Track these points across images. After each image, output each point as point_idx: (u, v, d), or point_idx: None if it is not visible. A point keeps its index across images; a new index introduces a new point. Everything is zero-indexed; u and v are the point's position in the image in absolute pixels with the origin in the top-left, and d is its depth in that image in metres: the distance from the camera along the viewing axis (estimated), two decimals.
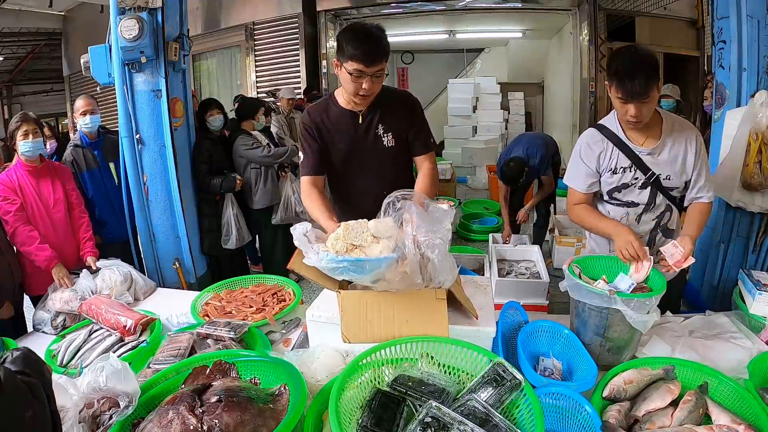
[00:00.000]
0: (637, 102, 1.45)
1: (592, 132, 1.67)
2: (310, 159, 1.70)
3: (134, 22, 2.46)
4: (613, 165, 1.62)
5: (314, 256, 1.16)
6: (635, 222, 1.67)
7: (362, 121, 1.68)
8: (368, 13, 6.34)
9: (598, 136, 1.64)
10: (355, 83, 1.53)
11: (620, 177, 1.62)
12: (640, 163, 1.59)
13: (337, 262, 1.13)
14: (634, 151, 1.59)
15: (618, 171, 1.62)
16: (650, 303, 1.30)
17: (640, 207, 1.65)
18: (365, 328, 1.24)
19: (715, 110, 2.52)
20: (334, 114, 1.70)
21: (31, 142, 2.15)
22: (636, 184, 1.62)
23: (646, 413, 1.15)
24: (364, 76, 1.51)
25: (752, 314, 1.55)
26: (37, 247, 2.13)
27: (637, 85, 1.41)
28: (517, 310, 1.57)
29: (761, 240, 2.31)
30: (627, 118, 1.51)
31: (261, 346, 1.52)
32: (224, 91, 6.61)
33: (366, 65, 1.49)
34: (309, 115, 1.72)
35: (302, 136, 1.74)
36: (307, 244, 1.23)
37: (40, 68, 10.02)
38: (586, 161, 1.65)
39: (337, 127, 1.69)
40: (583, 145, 1.67)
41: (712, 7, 2.54)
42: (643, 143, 1.59)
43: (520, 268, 3.16)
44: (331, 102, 1.72)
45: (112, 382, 1.07)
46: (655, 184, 1.61)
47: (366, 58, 1.48)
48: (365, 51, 1.48)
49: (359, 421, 0.97)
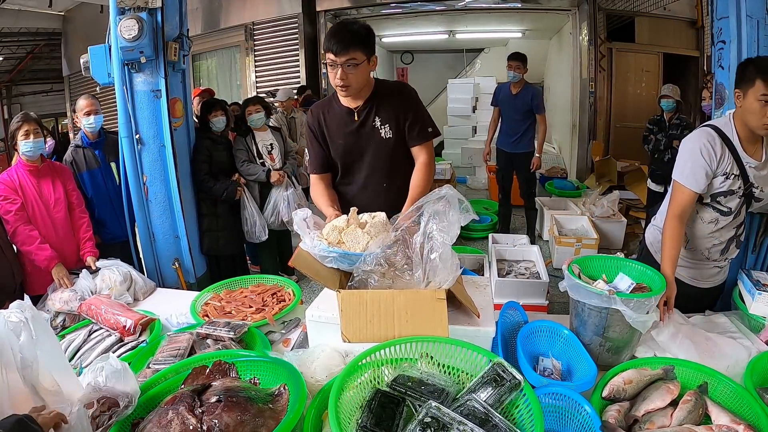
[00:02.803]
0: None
1: (711, 133, 1.58)
2: (315, 158, 1.81)
3: (134, 22, 2.46)
4: (728, 170, 1.57)
5: (309, 243, 1.30)
6: (721, 229, 1.65)
7: (358, 117, 1.73)
8: (368, 13, 6.35)
9: (718, 139, 1.57)
10: (332, 74, 1.59)
11: (730, 183, 1.58)
12: (745, 173, 1.57)
13: (328, 252, 1.29)
14: (743, 160, 1.56)
15: (730, 177, 1.57)
16: (649, 303, 1.30)
17: (730, 216, 1.63)
18: (365, 328, 1.24)
19: (715, 110, 2.51)
20: (334, 112, 1.77)
21: (32, 142, 2.15)
22: (738, 192, 1.59)
23: (646, 413, 1.15)
24: (336, 66, 1.56)
25: (752, 314, 1.55)
26: (37, 246, 2.14)
27: None
28: (517, 310, 1.57)
29: (761, 240, 2.31)
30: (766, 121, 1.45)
31: (261, 346, 1.52)
32: (224, 91, 6.61)
33: (335, 54, 1.55)
34: (311, 113, 1.81)
35: (307, 136, 1.84)
36: (305, 229, 1.35)
37: (39, 68, 10.01)
38: (708, 160, 1.55)
39: (335, 124, 1.76)
40: (705, 144, 1.56)
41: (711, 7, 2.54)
42: (753, 154, 1.57)
43: (519, 268, 3.16)
44: (333, 100, 1.78)
45: (112, 382, 1.07)
46: (748, 196, 1.59)
47: (334, 48, 1.54)
48: (333, 41, 1.54)
49: (359, 421, 0.97)
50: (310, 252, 1.31)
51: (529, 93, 4.18)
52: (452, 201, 1.28)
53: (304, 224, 1.35)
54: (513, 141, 4.24)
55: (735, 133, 1.56)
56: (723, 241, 1.67)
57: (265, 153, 3.37)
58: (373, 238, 1.33)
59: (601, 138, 5.98)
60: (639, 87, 6.18)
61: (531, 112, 4.15)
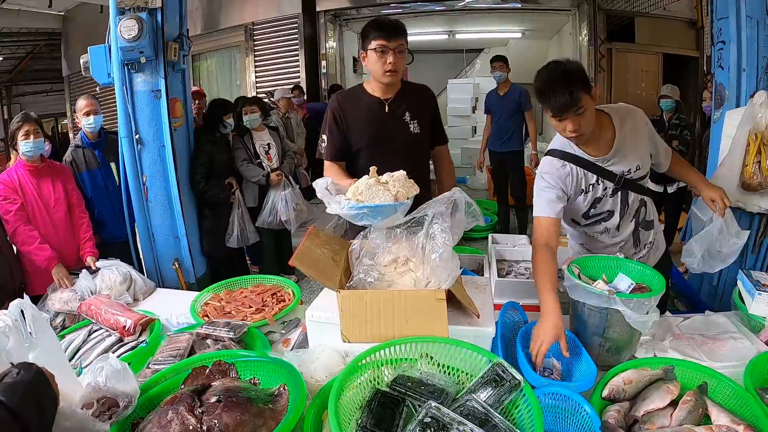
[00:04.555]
0: (571, 117, 1.38)
1: (550, 159, 1.58)
2: (332, 145, 1.81)
3: (134, 23, 2.46)
4: (582, 185, 1.56)
5: (336, 206, 1.31)
6: (616, 231, 1.65)
7: (389, 109, 1.79)
8: (368, 14, 6.34)
9: (557, 162, 1.56)
10: (381, 60, 1.67)
11: (592, 194, 1.58)
12: (604, 172, 1.54)
13: (358, 209, 1.28)
14: (596, 163, 1.54)
15: (589, 189, 1.57)
16: (649, 303, 1.30)
17: (616, 216, 1.62)
18: (365, 328, 1.24)
19: (715, 111, 2.51)
20: (363, 102, 1.81)
21: (32, 142, 2.16)
22: (607, 194, 1.58)
23: (646, 413, 1.15)
24: (388, 51, 1.66)
25: (752, 314, 1.55)
26: (37, 246, 2.14)
27: (561, 99, 1.35)
28: (517, 310, 1.57)
29: (761, 240, 2.31)
30: (567, 134, 1.44)
31: (260, 346, 1.52)
32: (224, 91, 6.61)
33: (387, 39, 1.65)
34: (338, 102, 1.82)
35: (328, 122, 1.82)
36: (329, 195, 1.35)
37: (39, 68, 10.01)
38: (553, 184, 1.54)
39: (365, 114, 1.80)
40: (545, 174, 1.57)
41: (711, 8, 2.54)
42: (598, 153, 1.54)
43: (519, 268, 3.16)
44: (360, 91, 1.84)
45: (112, 382, 1.07)
46: (624, 186, 1.56)
47: (387, 33, 1.66)
48: (386, 27, 1.67)
49: (359, 421, 0.97)
50: (340, 213, 1.31)
51: (516, 92, 4.33)
52: (460, 203, 1.29)
53: (327, 191, 1.36)
54: (502, 141, 4.41)
55: (572, 145, 1.54)
56: (626, 238, 1.66)
57: (263, 153, 3.38)
58: (399, 190, 1.35)
59: None
60: (639, 87, 6.19)
61: (519, 111, 4.31)
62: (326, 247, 1.42)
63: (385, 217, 1.31)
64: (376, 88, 1.80)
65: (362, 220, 1.32)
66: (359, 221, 1.32)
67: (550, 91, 1.37)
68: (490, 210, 5.15)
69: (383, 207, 1.30)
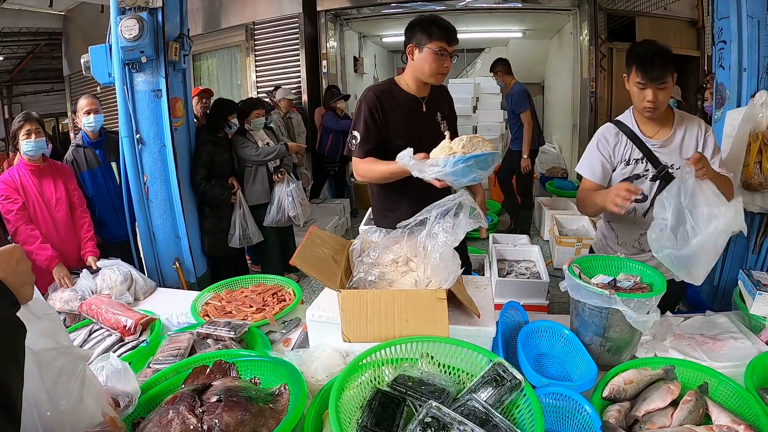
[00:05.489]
0: (654, 87, 1.54)
1: (609, 126, 1.75)
2: (367, 140, 1.73)
3: (134, 22, 2.46)
4: (627, 156, 1.69)
5: (434, 168, 1.36)
6: (642, 217, 1.72)
7: (425, 108, 1.81)
8: (368, 13, 6.34)
9: (613, 130, 1.72)
10: (438, 62, 1.69)
11: (633, 168, 1.69)
12: (651, 155, 1.66)
13: (465, 161, 1.33)
14: (646, 144, 1.67)
15: (631, 162, 1.69)
16: (650, 303, 1.30)
17: (647, 202, 1.69)
18: (365, 328, 1.24)
19: (716, 110, 2.51)
20: (401, 98, 1.78)
21: (33, 141, 2.16)
22: (647, 175, 1.68)
23: (646, 413, 1.15)
24: (446, 55, 1.70)
25: (752, 314, 1.55)
26: (38, 246, 2.14)
27: (656, 69, 1.51)
28: (517, 310, 1.57)
29: (761, 240, 2.31)
30: (644, 104, 1.57)
31: (261, 346, 1.52)
32: (225, 91, 6.61)
33: (449, 43, 1.69)
34: (376, 96, 1.74)
35: (363, 117, 1.73)
36: (422, 162, 1.40)
37: (40, 68, 10.01)
38: (602, 151, 1.72)
39: (403, 110, 1.77)
40: (600, 137, 1.74)
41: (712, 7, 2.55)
42: (654, 135, 1.67)
43: (520, 268, 3.17)
44: (394, 87, 1.80)
45: (112, 381, 1.07)
46: (664, 178, 1.65)
47: (451, 37, 1.70)
48: (450, 31, 1.70)
49: (359, 421, 0.97)
50: (442, 174, 1.36)
51: (512, 93, 4.36)
52: (465, 206, 1.29)
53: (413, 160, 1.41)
54: (511, 140, 4.49)
55: (634, 122, 1.70)
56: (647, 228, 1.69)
57: None
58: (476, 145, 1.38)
59: None
60: None
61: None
62: (327, 246, 1.42)
63: (487, 167, 1.38)
64: (412, 85, 1.78)
65: (466, 176, 1.35)
66: (463, 177, 1.35)
67: (648, 60, 1.53)
68: (491, 210, 5.16)
69: (487, 156, 1.36)
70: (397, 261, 1.36)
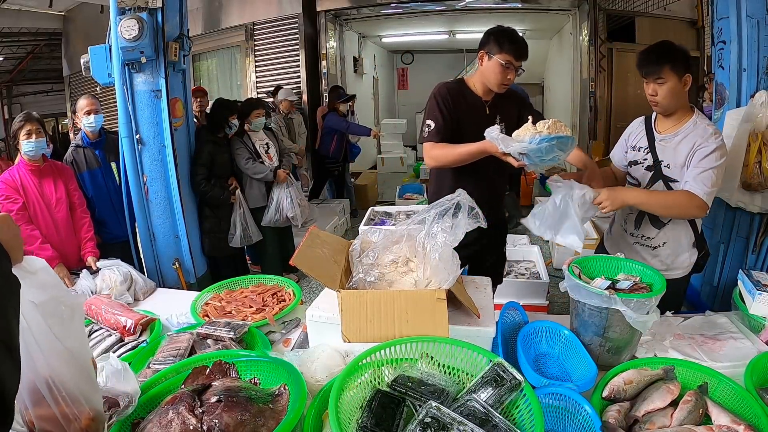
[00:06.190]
0: (653, 81, 1.63)
1: (640, 118, 1.89)
2: (440, 127, 1.80)
3: (134, 22, 2.46)
4: (635, 143, 1.82)
5: (518, 144, 1.47)
6: None
7: (488, 111, 1.88)
8: (368, 14, 6.34)
9: (641, 119, 1.86)
10: (503, 73, 1.77)
11: (635, 154, 1.81)
12: (653, 147, 1.75)
13: (549, 140, 1.43)
14: (655, 136, 1.76)
15: (636, 149, 1.82)
16: (650, 303, 1.30)
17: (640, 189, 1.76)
18: (365, 328, 1.24)
19: (715, 110, 2.52)
20: (470, 97, 1.88)
21: (34, 141, 2.16)
22: (643, 164, 1.78)
23: (646, 413, 1.15)
24: (512, 68, 1.77)
25: (752, 314, 1.55)
26: (38, 246, 2.14)
27: (650, 64, 1.61)
28: (517, 310, 1.57)
29: (761, 240, 2.31)
30: (648, 98, 1.68)
31: (261, 346, 1.52)
32: (224, 91, 6.61)
33: (516, 59, 1.76)
34: (449, 91, 1.85)
35: (438, 106, 1.82)
36: (508, 138, 1.51)
37: (40, 68, 10.00)
38: (625, 136, 1.90)
39: (470, 109, 1.86)
40: (630, 126, 1.90)
41: (712, 8, 2.55)
42: (664, 131, 1.74)
43: (520, 268, 3.17)
44: (463, 86, 1.90)
45: (112, 382, 1.07)
46: (657, 172, 1.73)
47: (520, 53, 1.77)
48: (521, 46, 1.78)
49: (359, 421, 0.97)
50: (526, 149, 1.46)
51: None
52: (464, 205, 1.29)
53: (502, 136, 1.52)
54: None
55: (655, 115, 1.80)
56: (634, 211, 1.80)
57: (263, 152, 3.39)
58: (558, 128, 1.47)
59: (602, 138, 5.97)
60: (639, 87, 6.11)
61: None
62: (326, 246, 1.42)
63: (566, 149, 1.48)
64: (479, 87, 1.87)
65: (548, 153, 1.45)
66: (545, 154, 1.45)
67: (646, 54, 1.65)
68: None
69: (569, 138, 1.47)
70: (396, 261, 1.36)
